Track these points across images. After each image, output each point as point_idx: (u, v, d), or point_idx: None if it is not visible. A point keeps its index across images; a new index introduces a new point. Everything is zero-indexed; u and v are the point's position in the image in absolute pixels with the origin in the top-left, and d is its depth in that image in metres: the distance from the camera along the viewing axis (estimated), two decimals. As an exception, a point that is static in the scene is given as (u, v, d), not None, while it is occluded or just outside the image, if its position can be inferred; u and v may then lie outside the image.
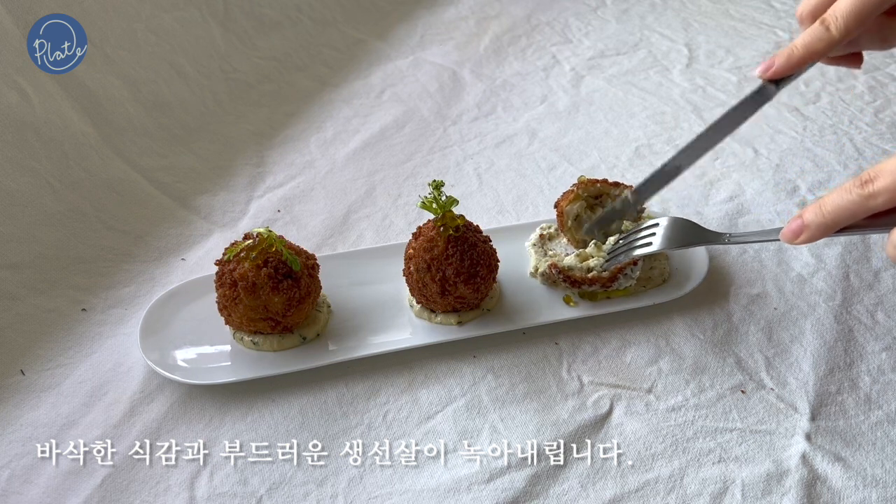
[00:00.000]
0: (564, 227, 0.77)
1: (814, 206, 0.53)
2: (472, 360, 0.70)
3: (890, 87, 1.16)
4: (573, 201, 0.76)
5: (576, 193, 0.76)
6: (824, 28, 0.59)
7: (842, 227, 0.52)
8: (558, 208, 0.77)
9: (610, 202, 0.77)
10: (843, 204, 0.51)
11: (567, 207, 0.76)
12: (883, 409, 0.65)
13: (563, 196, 0.78)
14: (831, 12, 0.59)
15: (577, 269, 0.73)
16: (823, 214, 0.53)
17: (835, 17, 0.59)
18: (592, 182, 0.77)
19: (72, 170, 0.89)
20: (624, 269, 0.72)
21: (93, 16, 0.97)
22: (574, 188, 0.77)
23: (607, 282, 0.73)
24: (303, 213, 0.90)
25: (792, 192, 0.92)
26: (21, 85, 0.86)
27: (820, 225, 0.53)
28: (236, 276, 0.64)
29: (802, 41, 0.60)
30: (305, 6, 1.33)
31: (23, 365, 0.69)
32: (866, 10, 0.58)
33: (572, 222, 0.77)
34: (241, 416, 0.65)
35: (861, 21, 0.58)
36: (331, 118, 1.10)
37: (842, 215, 0.52)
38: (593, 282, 0.73)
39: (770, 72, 0.62)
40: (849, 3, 0.58)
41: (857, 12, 0.58)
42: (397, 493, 0.59)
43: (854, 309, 0.75)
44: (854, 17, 0.58)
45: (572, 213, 0.76)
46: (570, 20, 1.41)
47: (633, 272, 0.73)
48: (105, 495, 0.59)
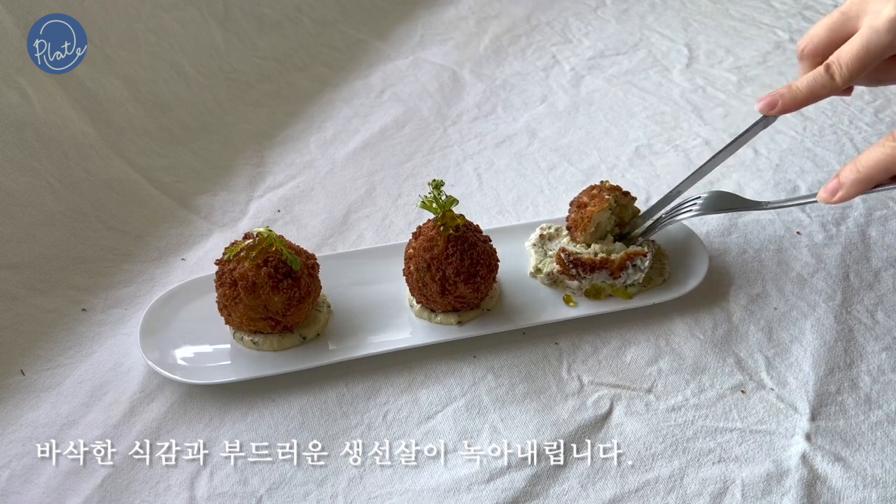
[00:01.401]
0: (586, 231, 0.74)
1: (849, 165, 0.57)
2: (472, 360, 0.70)
3: (890, 87, 1.16)
4: (605, 209, 0.74)
5: (609, 202, 0.74)
6: (829, 76, 0.60)
7: (877, 182, 0.56)
8: (586, 212, 0.74)
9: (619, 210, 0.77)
10: (879, 157, 0.54)
11: (598, 213, 0.74)
12: (883, 409, 0.65)
13: (592, 199, 0.75)
14: (836, 60, 0.60)
15: (586, 253, 0.73)
16: (858, 170, 0.56)
17: (839, 66, 0.60)
18: (615, 189, 0.75)
19: (72, 170, 0.89)
20: (635, 258, 0.72)
21: (93, 16, 0.97)
22: (606, 195, 0.74)
23: (617, 270, 0.72)
24: (303, 213, 0.90)
25: (792, 193, 0.92)
26: (21, 85, 0.86)
27: (855, 181, 0.56)
28: (236, 276, 0.64)
29: (807, 85, 0.61)
30: (305, 6, 1.33)
31: (23, 365, 0.69)
32: (870, 59, 0.59)
33: (594, 228, 0.75)
34: (241, 416, 0.65)
35: (864, 70, 0.60)
36: (331, 118, 1.10)
37: (877, 168, 0.55)
38: (603, 265, 0.72)
39: (775, 111, 0.63)
40: (854, 53, 0.59)
41: (860, 62, 0.59)
42: (397, 493, 0.59)
43: (854, 309, 0.75)
44: (858, 67, 0.59)
45: (597, 220, 0.75)
46: (570, 20, 1.41)
47: (643, 263, 0.72)
48: (105, 495, 0.59)
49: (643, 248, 0.74)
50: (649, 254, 0.73)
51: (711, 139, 1.04)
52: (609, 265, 0.72)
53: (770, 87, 1.17)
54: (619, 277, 0.73)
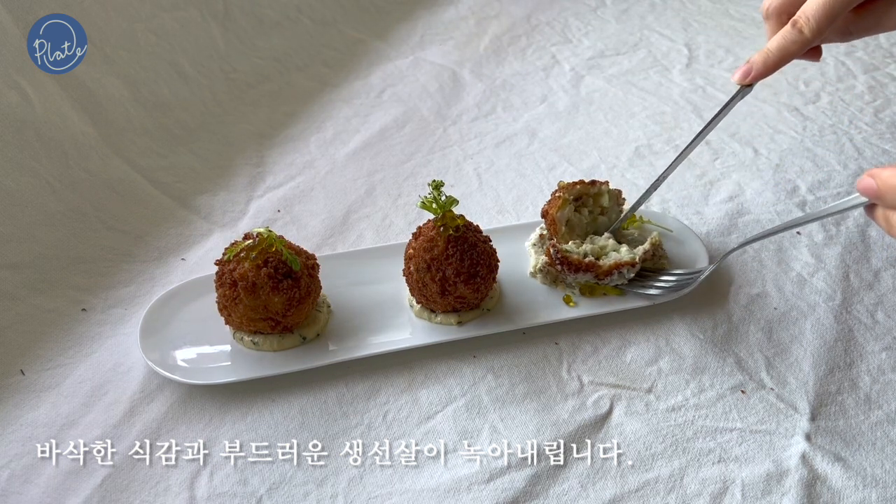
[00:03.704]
0: (559, 234, 0.77)
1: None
2: (472, 360, 0.70)
3: (890, 87, 1.16)
4: (562, 207, 0.76)
5: (563, 198, 0.76)
6: (797, 31, 0.61)
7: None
8: (548, 217, 0.77)
9: (592, 202, 0.79)
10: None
11: (558, 214, 0.76)
12: (883, 409, 0.65)
13: (550, 204, 0.78)
14: (802, 14, 0.61)
15: (575, 252, 0.74)
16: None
17: (807, 19, 0.60)
18: (573, 185, 0.78)
19: (72, 170, 0.89)
20: (621, 267, 0.72)
21: (93, 16, 0.97)
22: (559, 193, 0.77)
23: (603, 275, 0.72)
24: (303, 213, 0.90)
25: (792, 192, 0.92)
26: (21, 85, 0.86)
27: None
28: (236, 276, 0.64)
29: (777, 44, 0.62)
30: (305, 6, 1.33)
31: (23, 365, 0.69)
32: (836, 9, 0.59)
33: (565, 228, 0.77)
34: (241, 416, 0.65)
35: (832, 20, 0.60)
36: (331, 118, 1.10)
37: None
38: (589, 268, 0.72)
39: (750, 77, 0.64)
40: (819, 4, 0.59)
41: (827, 12, 0.59)
42: (397, 493, 0.59)
43: (854, 309, 0.75)
44: (825, 17, 0.60)
45: (563, 219, 0.77)
46: (570, 20, 1.41)
47: (629, 273, 0.73)
48: (105, 495, 0.59)
49: (634, 256, 0.74)
50: (638, 265, 0.73)
51: (711, 139, 1.04)
52: (595, 269, 0.72)
53: (770, 87, 1.17)
54: (604, 281, 0.73)
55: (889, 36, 1.33)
